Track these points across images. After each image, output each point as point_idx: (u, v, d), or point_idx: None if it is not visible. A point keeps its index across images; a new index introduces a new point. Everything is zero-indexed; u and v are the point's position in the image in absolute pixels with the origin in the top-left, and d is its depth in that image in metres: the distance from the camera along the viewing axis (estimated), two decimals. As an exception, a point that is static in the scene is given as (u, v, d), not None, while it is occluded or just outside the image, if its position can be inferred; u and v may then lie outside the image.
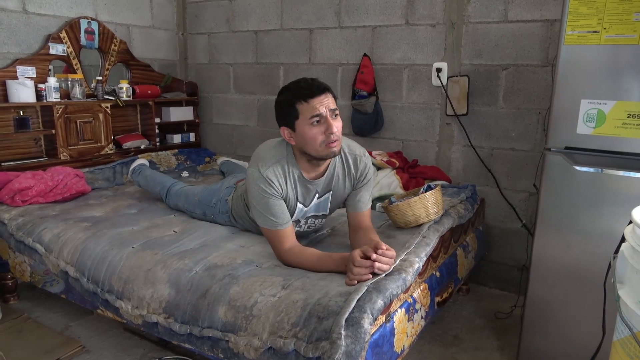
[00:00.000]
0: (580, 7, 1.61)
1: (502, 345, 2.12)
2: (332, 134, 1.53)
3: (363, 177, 1.76)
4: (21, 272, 2.21)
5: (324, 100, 1.53)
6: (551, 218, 1.78)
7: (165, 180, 2.44)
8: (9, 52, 2.62)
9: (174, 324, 1.54)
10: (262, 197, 1.62)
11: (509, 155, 2.55)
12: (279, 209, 1.63)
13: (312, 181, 1.70)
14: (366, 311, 1.27)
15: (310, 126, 1.54)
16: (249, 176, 1.66)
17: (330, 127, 1.53)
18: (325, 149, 1.57)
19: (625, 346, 0.96)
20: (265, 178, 1.61)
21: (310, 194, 1.74)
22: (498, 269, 2.70)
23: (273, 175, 1.62)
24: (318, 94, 1.52)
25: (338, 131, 1.56)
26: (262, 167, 1.62)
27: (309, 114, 1.52)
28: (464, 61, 2.58)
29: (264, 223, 1.66)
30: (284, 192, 1.65)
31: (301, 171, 1.67)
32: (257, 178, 1.61)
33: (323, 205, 1.81)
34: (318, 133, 1.54)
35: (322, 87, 1.54)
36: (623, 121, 1.60)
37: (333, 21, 2.95)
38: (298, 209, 1.74)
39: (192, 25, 3.57)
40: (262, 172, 1.61)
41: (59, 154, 2.74)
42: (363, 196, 1.78)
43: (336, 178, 1.75)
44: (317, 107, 1.52)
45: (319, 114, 1.52)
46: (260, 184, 1.61)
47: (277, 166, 1.63)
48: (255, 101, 3.40)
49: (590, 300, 1.69)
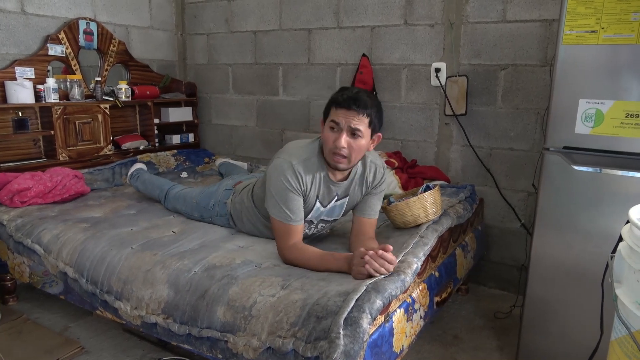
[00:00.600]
0: (578, 7, 1.61)
1: (502, 345, 2.12)
2: (336, 147, 1.58)
3: (377, 185, 1.80)
4: (20, 273, 2.21)
5: (349, 115, 1.57)
6: (550, 218, 1.78)
7: (164, 184, 2.44)
8: (8, 53, 2.62)
9: (173, 325, 1.54)
10: (285, 189, 1.64)
11: (508, 155, 2.55)
12: (297, 205, 1.66)
13: (336, 183, 1.73)
14: (365, 311, 1.27)
15: (328, 128, 1.61)
16: (275, 166, 1.67)
17: (337, 140, 1.58)
18: (330, 156, 1.63)
19: (623, 345, 0.96)
20: (295, 170, 1.63)
21: (330, 195, 1.76)
22: (497, 268, 2.70)
23: (303, 169, 1.65)
24: (348, 107, 1.57)
25: (351, 151, 1.59)
26: (294, 159, 1.65)
27: (331, 117, 1.60)
28: (462, 61, 2.58)
29: (277, 215, 1.67)
30: (308, 189, 1.68)
31: (327, 172, 1.70)
32: (286, 169, 1.64)
33: (338, 210, 1.83)
34: (331, 138, 1.60)
35: (356, 104, 1.56)
36: (621, 121, 1.60)
37: (332, 21, 2.96)
38: (315, 207, 1.75)
39: (191, 26, 3.57)
40: (294, 165, 1.64)
41: (58, 155, 2.74)
42: (372, 203, 1.80)
43: (354, 184, 1.78)
44: (339, 117, 1.58)
45: (337, 123, 1.58)
46: (288, 175, 1.63)
47: (308, 162, 1.67)
48: (254, 101, 3.40)
49: (589, 299, 1.69)
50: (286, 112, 3.26)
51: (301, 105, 3.19)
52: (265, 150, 3.42)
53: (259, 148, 3.45)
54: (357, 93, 1.58)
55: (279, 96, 3.28)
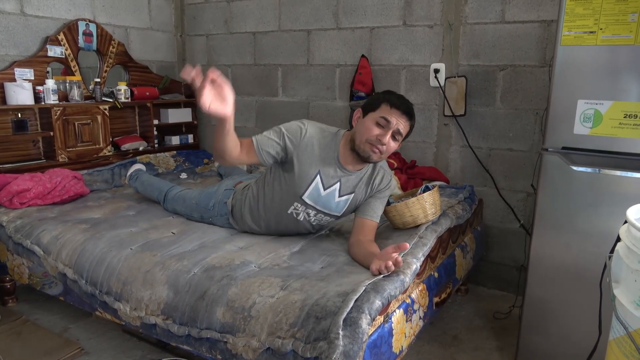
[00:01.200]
0: (576, 8, 1.61)
1: (501, 346, 2.12)
2: (380, 142, 1.66)
3: (383, 189, 1.84)
4: (20, 274, 2.21)
5: (402, 118, 1.67)
6: (549, 218, 1.78)
7: (163, 185, 2.44)
8: (7, 54, 2.63)
9: (173, 326, 1.54)
10: (283, 126, 1.73)
11: (507, 156, 2.56)
12: (273, 140, 1.71)
13: (343, 167, 1.77)
14: (364, 311, 1.27)
15: (375, 123, 1.67)
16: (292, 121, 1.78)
17: (383, 136, 1.66)
18: (367, 146, 1.69)
19: (621, 345, 0.96)
20: (302, 125, 1.75)
21: (333, 180, 1.78)
22: (496, 269, 2.70)
23: (317, 134, 1.76)
24: (402, 111, 1.67)
25: (387, 147, 1.69)
26: (311, 125, 1.77)
27: (382, 114, 1.67)
28: (461, 62, 2.59)
29: (257, 135, 1.72)
30: (311, 145, 1.73)
31: (339, 155, 1.76)
32: (298, 120, 1.77)
33: (341, 207, 1.84)
34: (374, 131, 1.67)
35: (407, 111, 1.68)
36: (620, 121, 1.61)
37: (331, 22, 2.96)
38: (315, 183, 1.77)
39: (190, 27, 3.57)
40: (306, 123, 1.76)
41: (57, 156, 2.74)
42: (375, 206, 1.82)
43: (361, 183, 1.82)
44: (392, 116, 1.66)
45: (389, 121, 1.66)
46: (294, 122, 1.75)
47: (324, 134, 1.77)
48: (254, 102, 3.40)
49: (588, 299, 1.69)
50: (285, 113, 3.27)
51: (300, 106, 3.19)
52: (265, 151, 3.41)
53: (259, 149, 3.45)
54: (409, 102, 1.70)
55: (278, 97, 3.28)
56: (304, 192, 1.77)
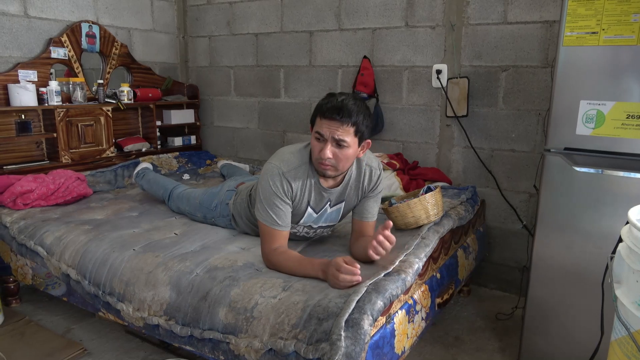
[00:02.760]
0: (578, 9, 1.61)
1: (504, 347, 2.12)
2: (321, 158, 1.57)
3: (374, 188, 1.78)
4: (23, 275, 2.22)
5: (332, 126, 1.53)
6: (551, 219, 1.78)
7: (168, 184, 2.45)
8: (11, 56, 2.64)
9: (175, 326, 1.54)
10: (273, 194, 1.63)
11: (509, 157, 2.55)
12: (283, 211, 1.65)
13: (327, 189, 1.72)
14: (366, 312, 1.27)
15: (315, 139, 1.60)
16: (267, 170, 1.66)
17: (322, 151, 1.56)
18: (317, 165, 1.62)
19: (623, 346, 0.96)
20: (284, 177, 1.63)
21: (323, 202, 1.75)
22: (499, 270, 2.70)
23: (293, 178, 1.65)
24: (332, 118, 1.52)
25: (337, 160, 1.57)
26: (284, 166, 1.64)
27: (316, 128, 1.58)
28: (463, 63, 2.59)
29: (264, 219, 1.66)
30: (297, 196, 1.68)
31: (318, 178, 1.69)
32: (275, 175, 1.63)
33: (334, 216, 1.83)
34: (317, 148, 1.59)
35: (340, 114, 1.51)
36: (622, 122, 1.61)
37: (333, 23, 2.96)
38: (308, 213, 1.75)
39: (192, 29, 3.58)
40: (284, 172, 1.63)
41: (61, 157, 2.75)
42: (370, 206, 1.79)
43: (349, 189, 1.76)
44: (323, 128, 1.55)
45: (322, 135, 1.56)
46: (276, 181, 1.63)
47: (299, 170, 1.66)
48: (256, 104, 3.41)
49: (590, 300, 1.69)
50: (288, 114, 3.27)
51: (302, 107, 3.20)
52: (267, 152, 3.42)
53: (261, 150, 3.46)
54: (342, 101, 1.52)
55: (280, 98, 3.29)
56: (299, 221, 1.77)
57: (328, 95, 1.60)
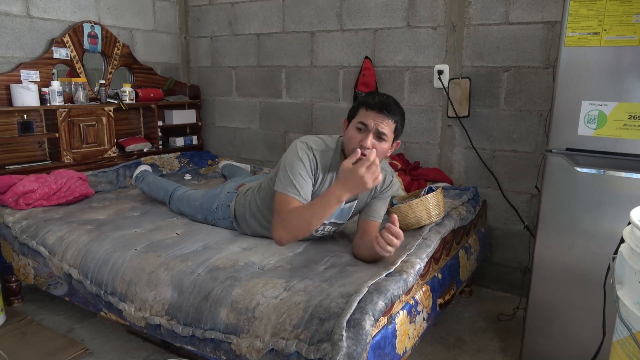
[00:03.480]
0: (580, 9, 1.61)
1: (505, 347, 2.12)
2: (362, 147, 1.59)
3: (385, 190, 1.81)
4: (25, 275, 2.23)
5: (378, 118, 1.60)
6: (553, 219, 1.78)
7: (168, 186, 2.45)
8: (13, 56, 2.65)
9: (177, 326, 1.55)
10: (300, 164, 1.66)
11: (511, 157, 2.55)
12: (306, 184, 1.67)
13: None
14: (367, 312, 1.28)
15: (355, 129, 1.64)
16: (294, 145, 1.70)
17: (364, 140, 1.60)
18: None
19: (625, 347, 0.96)
20: (313, 153, 1.68)
21: None
22: (500, 270, 2.70)
23: (320, 158, 1.70)
24: (377, 111, 1.60)
25: (373, 150, 1.59)
26: (314, 145, 1.70)
27: (360, 119, 1.63)
28: (465, 63, 2.59)
29: (284, 187, 1.65)
30: (319, 178, 1.71)
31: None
32: (305, 149, 1.68)
33: (346, 213, 1.83)
34: (356, 138, 1.62)
35: (387, 108, 1.60)
36: (624, 122, 1.60)
37: (334, 24, 2.97)
38: None
39: (194, 29, 3.59)
40: (313, 149, 1.69)
41: (63, 157, 2.76)
42: (378, 207, 1.81)
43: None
44: (368, 118, 1.61)
45: (366, 124, 1.61)
46: (305, 154, 1.67)
47: (326, 154, 1.72)
48: (258, 104, 3.41)
49: (592, 301, 1.69)
50: (289, 115, 3.27)
51: (304, 108, 3.20)
52: (269, 153, 3.43)
53: (262, 150, 3.46)
54: (387, 99, 1.63)
55: (282, 98, 3.29)
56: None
57: (371, 93, 1.70)
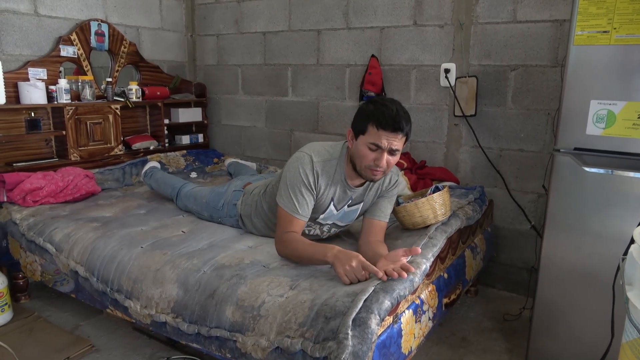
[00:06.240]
0: (590, 7, 1.60)
1: (511, 348, 2.11)
2: (378, 166, 1.60)
3: (390, 189, 1.81)
4: (32, 272, 2.24)
5: (390, 137, 1.56)
6: (560, 219, 1.77)
7: (176, 182, 2.46)
8: (21, 54, 2.66)
9: (182, 324, 1.55)
10: (300, 181, 1.65)
11: (518, 156, 2.54)
12: (306, 202, 1.67)
13: (352, 188, 1.74)
14: (373, 311, 1.27)
15: (366, 148, 1.59)
16: (297, 157, 1.69)
17: (379, 160, 1.58)
18: (366, 172, 1.63)
19: (634, 348, 0.95)
20: (314, 167, 1.66)
21: (345, 199, 1.77)
22: (507, 270, 2.68)
23: (322, 169, 1.67)
24: (391, 131, 1.55)
25: (388, 166, 1.61)
26: (316, 156, 1.68)
27: (371, 139, 1.58)
28: (472, 62, 2.57)
29: (285, 204, 1.67)
30: (322, 189, 1.69)
31: (346, 176, 1.71)
32: (306, 163, 1.66)
33: (352, 215, 1.84)
34: (370, 156, 1.60)
35: (398, 127, 1.55)
36: (633, 122, 1.59)
37: (341, 22, 2.96)
38: (329, 209, 1.76)
39: (200, 27, 3.59)
40: (315, 161, 1.66)
41: (70, 155, 2.77)
42: (384, 206, 1.81)
43: (370, 191, 1.79)
44: (381, 139, 1.56)
45: (379, 146, 1.57)
46: (306, 168, 1.65)
47: (329, 164, 1.69)
48: (264, 102, 3.41)
49: (599, 302, 1.68)
50: (295, 113, 3.27)
51: (310, 106, 3.20)
52: (274, 151, 3.43)
53: (268, 148, 3.46)
54: (397, 113, 1.55)
55: (287, 97, 3.29)
56: (318, 217, 1.78)
57: (377, 103, 1.59)
